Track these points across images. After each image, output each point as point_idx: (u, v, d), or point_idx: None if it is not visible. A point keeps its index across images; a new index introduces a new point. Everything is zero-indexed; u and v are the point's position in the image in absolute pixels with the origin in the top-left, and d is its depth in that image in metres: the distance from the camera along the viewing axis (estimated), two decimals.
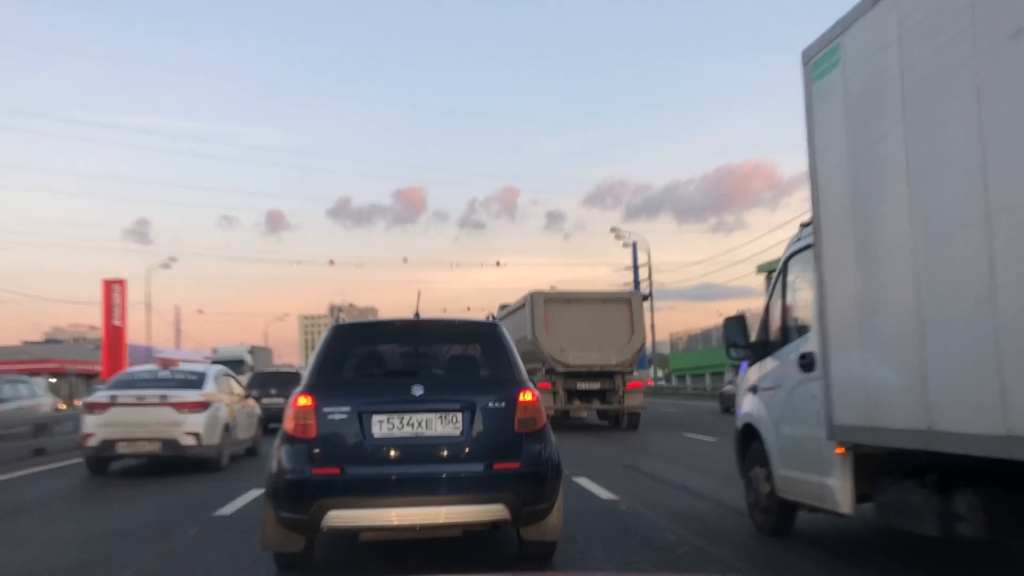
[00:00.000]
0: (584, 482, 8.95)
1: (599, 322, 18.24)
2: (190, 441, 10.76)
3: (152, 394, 10.89)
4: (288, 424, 4.65)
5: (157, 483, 10.07)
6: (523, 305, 19.34)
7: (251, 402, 13.56)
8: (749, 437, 6.13)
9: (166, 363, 12.08)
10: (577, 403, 18.45)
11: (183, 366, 12.25)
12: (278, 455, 4.65)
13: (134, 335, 43.48)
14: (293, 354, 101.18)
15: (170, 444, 10.66)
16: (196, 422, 10.85)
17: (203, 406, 11.04)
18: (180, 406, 10.82)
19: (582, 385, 18.18)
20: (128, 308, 40.58)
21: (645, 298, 20.56)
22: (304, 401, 4.63)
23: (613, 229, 51.10)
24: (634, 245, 58.65)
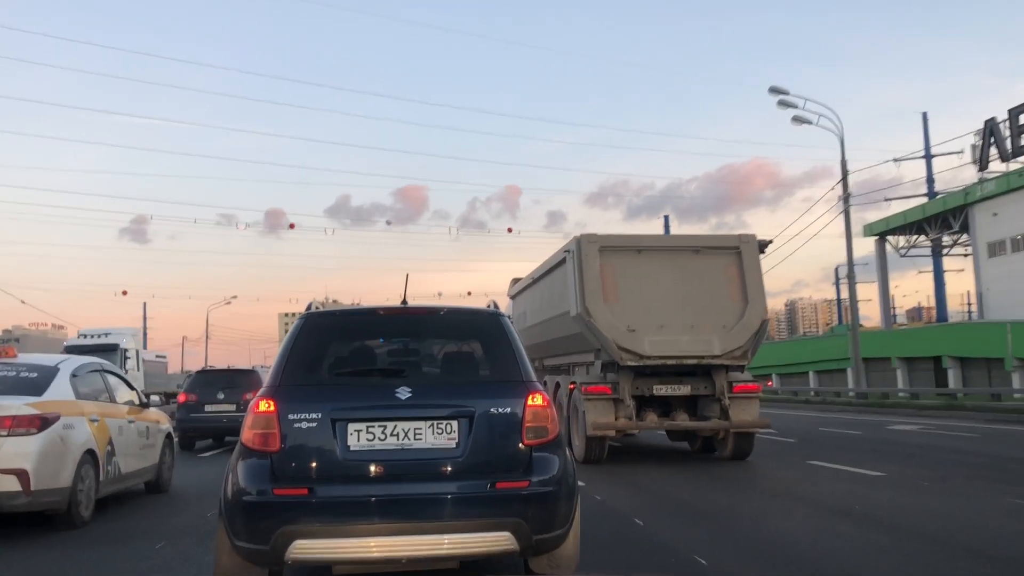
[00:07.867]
0: None
1: (690, 286, 11.42)
2: (9, 484, 6.21)
3: None
4: (246, 434, 3.93)
5: None
6: (563, 261, 12.37)
7: (153, 413, 9.01)
8: None
9: None
10: (653, 417, 11.47)
11: (24, 357, 7.59)
12: (234, 472, 3.90)
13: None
14: (272, 354, 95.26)
15: None
16: (21, 451, 6.34)
17: (38, 422, 6.50)
18: None
19: (661, 389, 11.35)
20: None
21: (763, 247, 12.25)
22: (265, 406, 3.92)
23: (773, 89, 28.42)
24: (667, 219, 36.31)
